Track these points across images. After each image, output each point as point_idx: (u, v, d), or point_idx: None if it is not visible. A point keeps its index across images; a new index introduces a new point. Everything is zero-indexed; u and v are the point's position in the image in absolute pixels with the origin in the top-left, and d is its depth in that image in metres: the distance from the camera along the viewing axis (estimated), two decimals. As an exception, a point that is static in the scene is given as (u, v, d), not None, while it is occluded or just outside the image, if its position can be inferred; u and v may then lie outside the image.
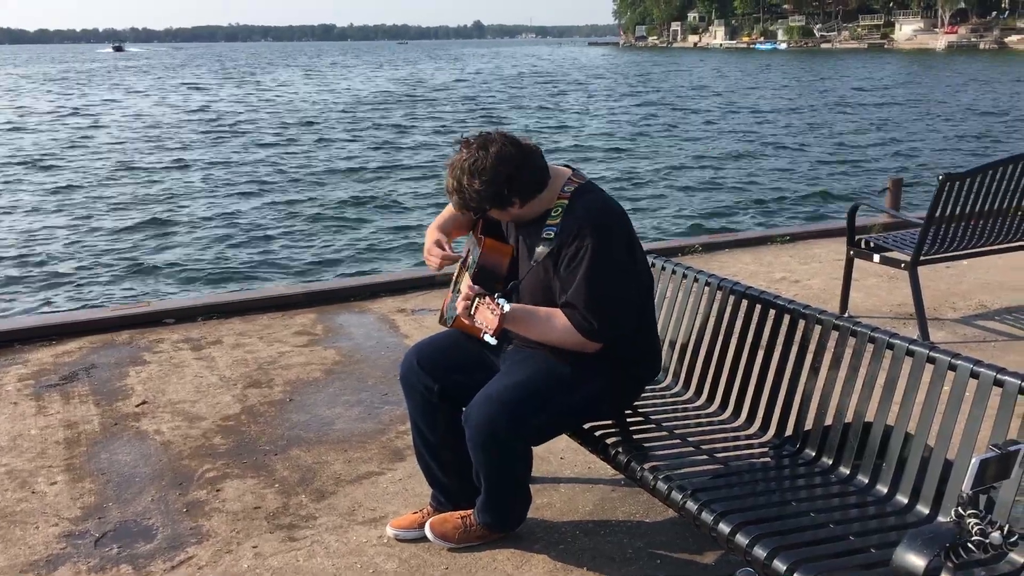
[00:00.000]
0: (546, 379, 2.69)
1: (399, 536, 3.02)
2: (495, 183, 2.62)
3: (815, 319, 2.80)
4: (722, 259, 6.78)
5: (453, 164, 2.68)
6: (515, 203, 2.69)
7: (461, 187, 2.66)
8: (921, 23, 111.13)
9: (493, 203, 2.67)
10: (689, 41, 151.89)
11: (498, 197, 2.65)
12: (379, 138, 24.22)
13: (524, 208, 2.71)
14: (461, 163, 2.65)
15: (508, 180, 2.63)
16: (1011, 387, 2.24)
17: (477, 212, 2.79)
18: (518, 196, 2.67)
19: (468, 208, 2.74)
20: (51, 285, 9.87)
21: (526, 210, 2.72)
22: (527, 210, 2.72)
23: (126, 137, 24.75)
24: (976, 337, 4.98)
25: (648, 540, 3.00)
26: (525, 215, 2.74)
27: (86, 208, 14.29)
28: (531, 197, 2.69)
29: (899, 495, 2.45)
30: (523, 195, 2.68)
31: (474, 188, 2.63)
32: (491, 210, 2.72)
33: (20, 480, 3.49)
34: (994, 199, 4.95)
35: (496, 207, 2.69)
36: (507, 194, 2.65)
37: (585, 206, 2.66)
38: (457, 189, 2.68)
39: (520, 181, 2.65)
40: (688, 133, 24.93)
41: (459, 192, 2.68)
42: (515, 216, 2.75)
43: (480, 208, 2.72)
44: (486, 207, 2.70)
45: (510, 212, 2.72)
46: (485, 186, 2.62)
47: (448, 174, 2.70)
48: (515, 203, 2.69)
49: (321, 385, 4.43)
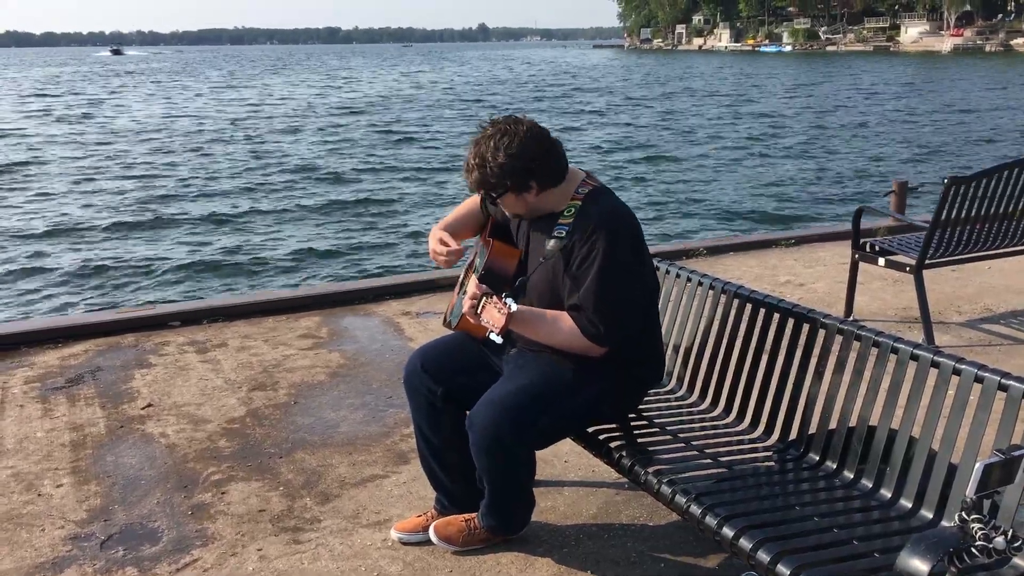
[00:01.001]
0: (550, 383, 2.69)
1: (403, 539, 3.02)
2: (522, 158, 2.59)
3: (819, 323, 2.80)
4: (726, 262, 6.78)
5: (478, 139, 2.64)
6: (533, 188, 2.65)
7: (484, 161, 2.60)
8: (926, 25, 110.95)
9: (514, 180, 2.61)
10: (694, 44, 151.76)
11: (521, 174, 2.61)
12: (384, 141, 24.25)
13: (539, 198, 2.68)
14: (488, 137, 2.61)
15: (533, 159, 2.61)
16: (1016, 392, 2.24)
17: (495, 191, 2.67)
18: (538, 180, 2.64)
19: (486, 186, 2.66)
20: (57, 288, 9.90)
21: (540, 201, 2.69)
22: (541, 201, 2.69)
23: (130, 140, 24.81)
24: (981, 341, 4.97)
25: (652, 544, 3.01)
26: (537, 208, 2.71)
27: (91, 211, 14.32)
28: (549, 185, 2.67)
29: (903, 499, 2.44)
30: (543, 181, 2.65)
31: (499, 161, 2.58)
32: (507, 195, 2.66)
33: (26, 483, 3.50)
34: (999, 203, 4.94)
35: (515, 187, 2.64)
36: (529, 174, 2.62)
37: (599, 209, 2.65)
38: (479, 164, 2.61)
39: (544, 165, 2.64)
40: (692, 136, 24.92)
41: (481, 167, 2.61)
42: (528, 207, 2.70)
43: (500, 186, 2.64)
44: (507, 184, 2.62)
45: (525, 199, 2.68)
46: (511, 160, 2.58)
47: (471, 150, 2.64)
48: (533, 188, 2.65)
49: (326, 388, 4.44)
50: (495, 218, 3.01)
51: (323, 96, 44.53)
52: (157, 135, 26.01)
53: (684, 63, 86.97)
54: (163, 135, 25.98)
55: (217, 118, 31.62)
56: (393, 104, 38.13)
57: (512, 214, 2.81)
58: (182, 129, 27.70)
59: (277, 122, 29.93)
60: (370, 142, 24.03)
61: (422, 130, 26.99)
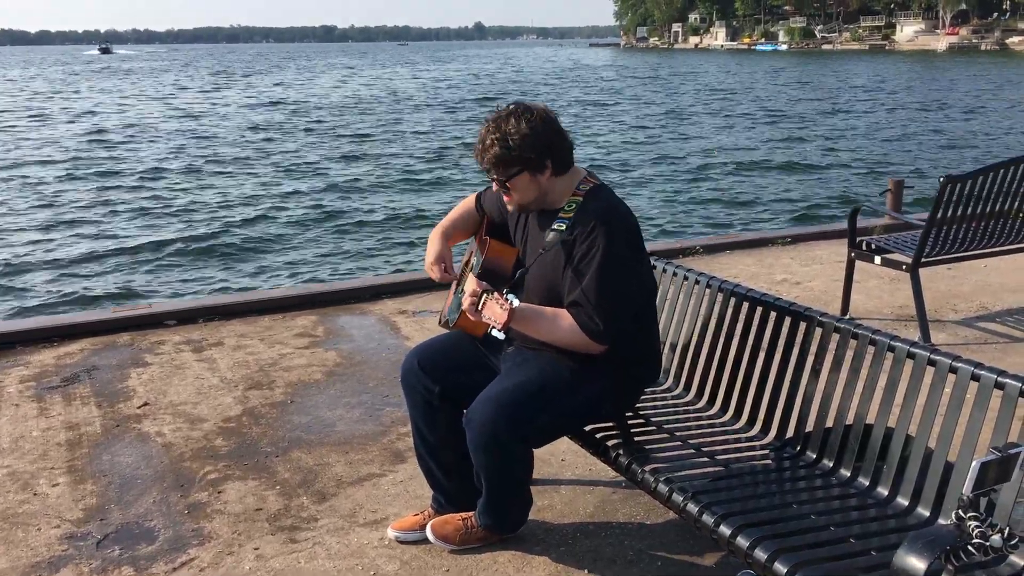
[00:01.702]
0: (548, 381, 2.69)
1: (400, 538, 3.02)
2: (544, 134, 2.61)
3: (816, 321, 2.80)
4: (723, 261, 6.78)
5: (496, 118, 2.64)
6: (548, 169, 2.65)
7: (505, 136, 2.58)
8: (922, 24, 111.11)
9: (535, 154, 2.60)
10: (690, 42, 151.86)
11: (541, 151, 2.61)
12: (380, 140, 24.23)
13: (549, 183, 2.67)
14: (507, 115, 2.62)
15: (553, 137, 2.63)
16: (1012, 390, 2.24)
17: (511, 169, 2.62)
18: (553, 160, 2.64)
19: (504, 162, 2.61)
20: (52, 287, 9.88)
21: (549, 187, 2.68)
22: (550, 187, 2.68)
23: (128, 139, 24.77)
24: (977, 339, 4.98)
25: (649, 542, 3.01)
26: (544, 197, 2.70)
27: (87, 211, 14.30)
28: (561, 170, 2.68)
29: (900, 497, 2.45)
30: (557, 162, 2.66)
31: (522, 133, 2.58)
32: (521, 175, 2.63)
33: (22, 482, 3.49)
34: (995, 201, 4.95)
35: (533, 165, 2.62)
36: (548, 151, 2.62)
37: (599, 206, 2.66)
38: (499, 139, 2.59)
39: (561, 145, 2.66)
40: (689, 135, 24.93)
41: (502, 143, 2.59)
42: (538, 194, 2.68)
43: (519, 161, 2.60)
44: (527, 159, 2.60)
45: (539, 182, 2.66)
46: (533, 132, 2.59)
47: (487, 127, 2.63)
48: (548, 169, 2.65)
49: (322, 387, 4.43)
50: (491, 217, 3.02)
51: (317, 95, 44.45)
52: (143, 134, 25.97)
53: (681, 62, 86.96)
54: (155, 134, 25.94)
55: (212, 115, 31.58)
56: (394, 104, 38.07)
57: (519, 204, 2.74)
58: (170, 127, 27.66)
59: (275, 121, 29.89)
60: (366, 142, 23.99)
61: (419, 130, 26.95)
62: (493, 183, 2.73)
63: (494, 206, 3.00)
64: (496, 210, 2.99)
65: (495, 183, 2.71)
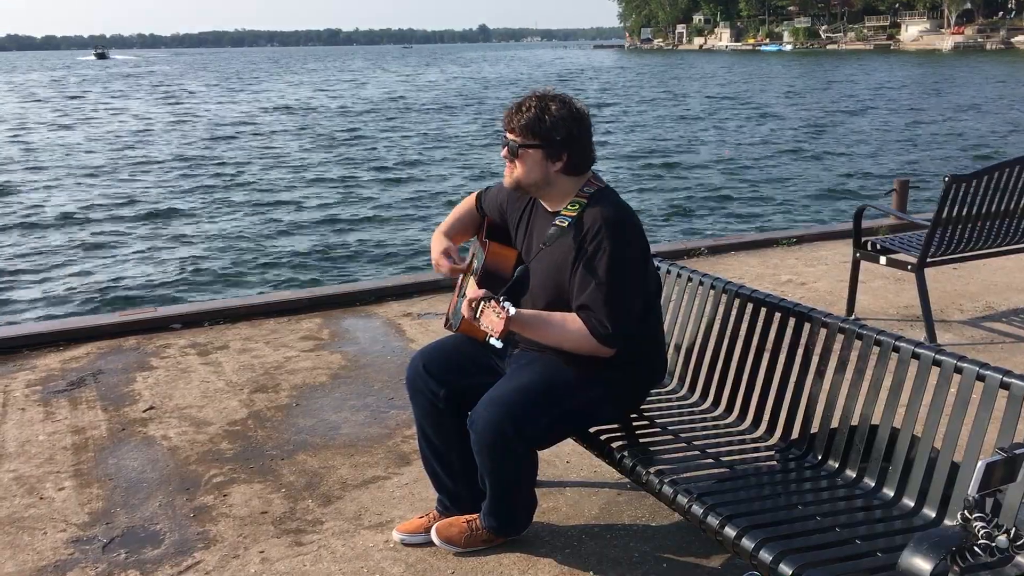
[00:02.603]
0: (552, 382, 2.69)
1: (405, 541, 3.02)
2: (578, 122, 2.64)
3: (821, 322, 2.79)
4: (728, 262, 6.78)
5: (542, 92, 2.67)
6: (561, 161, 2.66)
7: (546, 107, 2.61)
8: (927, 24, 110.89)
9: (561, 136, 2.61)
10: (695, 43, 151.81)
11: (567, 136, 2.62)
12: (384, 144, 24.26)
13: (556, 177, 2.68)
14: (553, 95, 2.66)
15: (582, 131, 2.66)
16: (1018, 390, 2.24)
17: (534, 140, 2.63)
18: (571, 153, 2.66)
19: (531, 130, 2.61)
20: (58, 291, 9.91)
21: (555, 180, 2.68)
22: (555, 181, 2.68)
23: (127, 143, 24.83)
24: (983, 339, 4.96)
25: (654, 544, 3.00)
26: (546, 187, 2.70)
27: (92, 215, 14.34)
28: (572, 171, 2.69)
29: (905, 498, 2.44)
30: (573, 159, 2.67)
31: (560, 113, 2.61)
32: (536, 150, 2.63)
33: (28, 486, 3.50)
34: (1000, 200, 4.93)
35: (553, 147, 2.63)
36: (572, 141, 2.64)
37: (603, 209, 2.66)
38: (540, 107, 2.61)
39: (583, 146, 2.68)
40: (694, 136, 24.92)
41: (541, 110, 2.60)
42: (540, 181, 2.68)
43: (543, 135, 2.61)
44: (552, 138, 2.61)
45: (546, 169, 2.66)
46: (571, 116, 2.62)
47: (532, 96, 2.65)
48: (561, 161, 2.66)
49: (327, 390, 4.44)
50: (491, 219, 3.02)
51: (324, 99, 44.53)
52: (152, 137, 26.05)
53: (688, 63, 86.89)
54: (159, 138, 26.01)
55: (222, 119, 31.67)
56: (398, 106, 38.12)
57: (517, 180, 2.72)
58: (174, 131, 27.74)
59: (280, 124, 29.95)
60: (370, 144, 24.03)
61: (420, 134, 26.99)
62: (504, 148, 2.70)
63: (494, 207, 3.00)
64: (497, 211, 2.99)
65: (507, 148, 2.69)
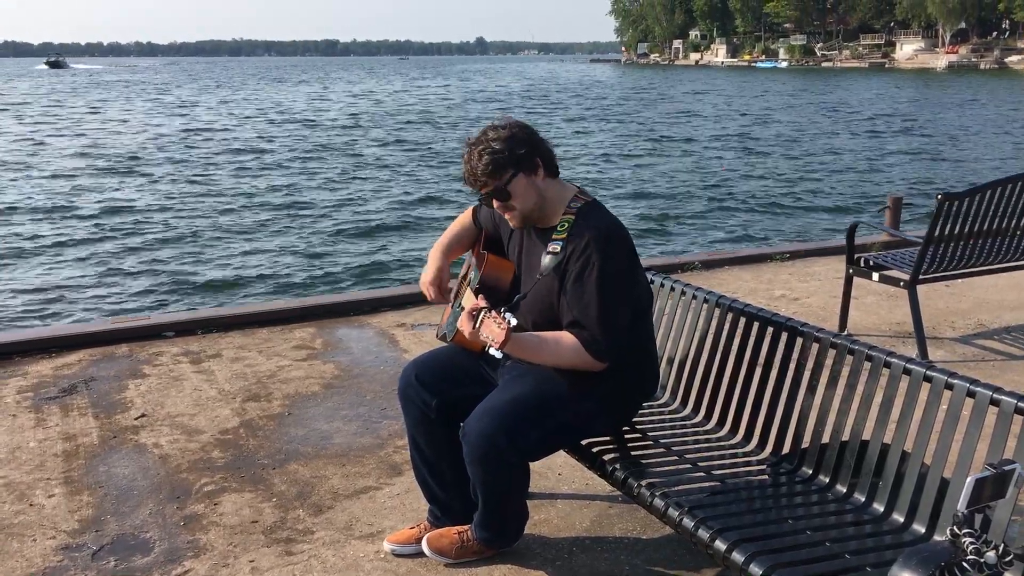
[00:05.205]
0: (544, 394, 2.69)
1: (396, 551, 3.01)
2: (523, 132, 2.68)
3: (813, 337, 2.80)
4: (721, 276, 6.79)
5: (473, 139, 2.71)
6: (540, 166, 2.69)
7: (488, 144, 2.64)
8: (922, 43, 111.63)
9: (523, 151, 2.64)
10: (691, 59, 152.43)
11: (527, 147, 2.66)
12: (380, 155, 24.30)
13: (546, 186, 2.70)
14: (482, 132, 2.70)
15: (531, 136, 2.69)
16: (1007, 406, 2.25)
17: (506, 172, 2.64)
18: (542, 157, 2.69)
19: (497, 168, 2.63)
20: (51, 298, 9.87)
21: (547, 192, 2.70)
22: (548, 192, 2.71)
23: (124, 152, 24.82)
24: (974, 356, 4.98)
25: (645, 557, 3.00)
26: (544, 202, 2.71)
27: (86, 222, 14.31)
28: (551, 172, 2.72)
29: (895, 514, 2.45)
30: (546, 162, 2.70)
31: (502, 135, 2.64)
32: (518, 178, 2.65)
33: (18, 492, 3.49)
34: (993, 219, 4.96)
35: (524, 164, 2.65)
36: (534, 148, 2.67)
37: (591, 224, 2.67)
38: (485, 149, 2.63)
39: (544, 147, 2.71)
40: (689, 151, 25.00)
41: (487, 150, 2.63)
42: (537, 200, 2.69)
43: (510, 162, 2.63)
44: (516, 158, 2.63)
45: (535, 185, 2.68)
46: (513, 135, 2.65)
47: (469, 149, 2.69)
48: (540, 166, 2.69)
49: (320, 399, 4.43)
50: (488, 231, 3.03)
51: (318, 108, 44.58)
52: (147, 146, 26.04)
53: (685, 78, 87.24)
54: (154, 146, 26.01)
55: (215, 123, 31.68)
56: (391, 119, 38.20)
57: (522, 214, 2.73)
58: (168, 141, 27.74)
59: (274, 133, 29.98)
60: (366, 157, 24.05)
61: (419, 145, 27.03)
62: (493, 202, 2.72)
63: (490, 219, 3.01)
64: (492, 224, 3.01)
65: (495, 201, 2.71)
